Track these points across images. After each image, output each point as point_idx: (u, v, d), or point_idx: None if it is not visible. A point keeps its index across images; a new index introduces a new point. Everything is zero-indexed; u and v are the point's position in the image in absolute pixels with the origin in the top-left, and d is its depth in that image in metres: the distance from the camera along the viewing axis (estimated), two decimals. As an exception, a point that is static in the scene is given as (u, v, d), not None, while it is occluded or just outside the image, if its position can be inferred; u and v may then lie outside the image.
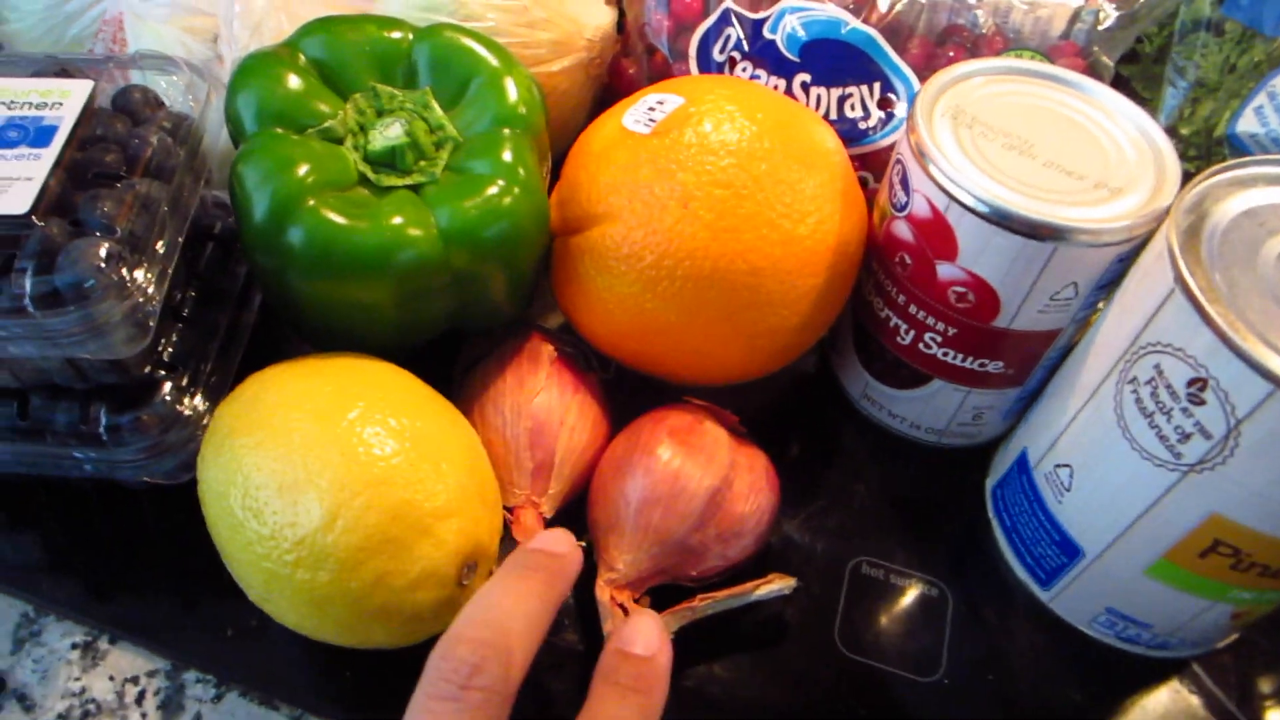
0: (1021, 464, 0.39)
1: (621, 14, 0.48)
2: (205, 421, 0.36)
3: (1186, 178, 0.40)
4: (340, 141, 0.36)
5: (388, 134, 0.35)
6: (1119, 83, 0.45)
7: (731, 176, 0.35)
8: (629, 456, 0.36)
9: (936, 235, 0.36)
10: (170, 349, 0.36)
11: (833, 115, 0.43)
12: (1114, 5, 0.42)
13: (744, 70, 0.44)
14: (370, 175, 0.35)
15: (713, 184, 0.35)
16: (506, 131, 0.36)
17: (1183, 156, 0.43)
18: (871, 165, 0.44)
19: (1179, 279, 0.30)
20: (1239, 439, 0.29)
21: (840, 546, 0.41)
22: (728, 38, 0.44)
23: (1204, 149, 0.42)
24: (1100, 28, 0.42)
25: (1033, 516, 0.38)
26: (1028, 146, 0.36)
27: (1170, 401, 0.31)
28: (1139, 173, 0.35)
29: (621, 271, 0.36)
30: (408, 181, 0.35)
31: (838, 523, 0.42)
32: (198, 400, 0.36)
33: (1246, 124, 0.40)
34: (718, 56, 0.45)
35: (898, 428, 0.44)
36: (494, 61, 0.37)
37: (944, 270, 0.36)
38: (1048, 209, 0.34)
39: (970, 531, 0.42)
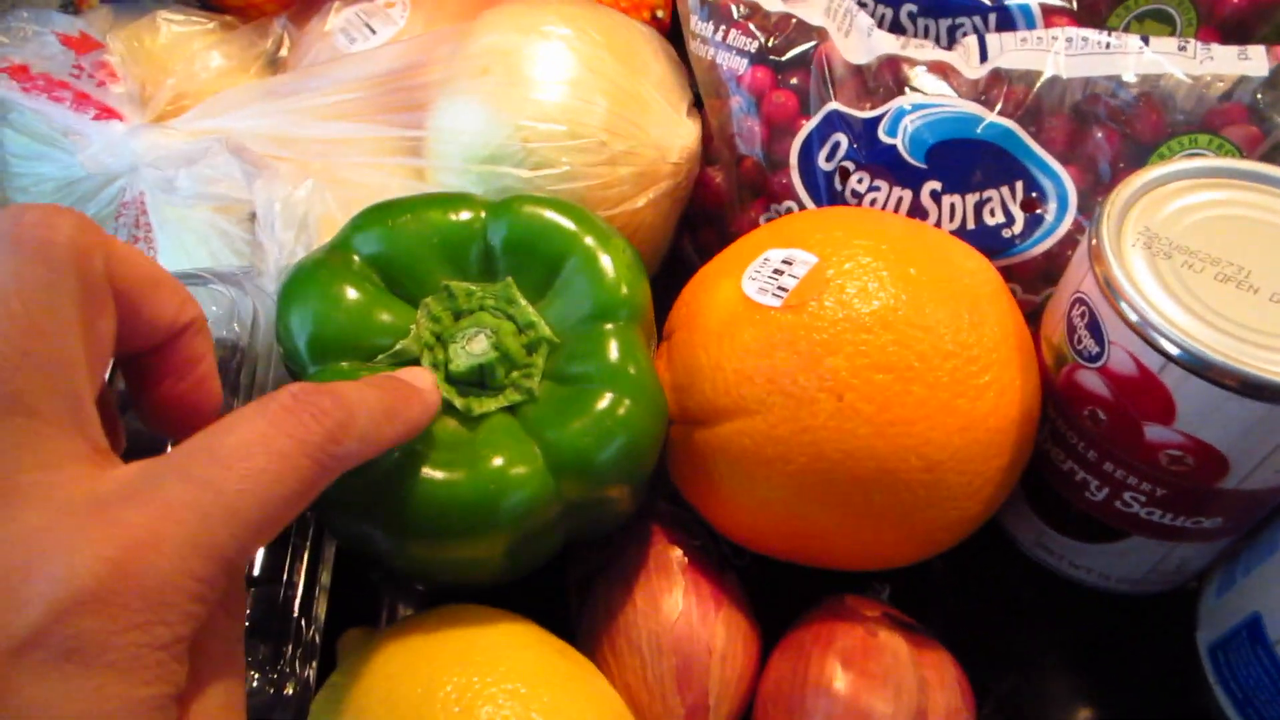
0: (1255, 632, 0.33)
1: (703, 121, 0.41)
2: (309, 687, 0.31)
3: None
4: (416, 361, 0.30)
5: (472, 350, 0.29)
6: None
7: (893, 357, 0.29)
8: (799, 694, 0.30)
9: (1146, 396, 0.29)
10: (246, 621, 0.31)
11: (970, 225, 0.37)
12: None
13: (860, 181, 0.38)
14: (457, 402, 0.29)
15: (871, 368, 0.29)
16: (609, 326, 0.30)
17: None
18: (1018, 275, 0.38)
19: None
20: None
21: (1040, 741, 0.35)
22: (836, 144, 0.38)
23: None
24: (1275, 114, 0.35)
25: (1278, 696, 0.32)
26: (1244, 276, 0.30)
27: None
28: (1391, 297, 0.29)
29: (764, 475, 0.30)
30: (501, 403, 0.29)
31: (1034, 707, 0.36)
32: (290, 670, 0.31)
33: None
34: (825, 165, 0.38)
35: (1082, 578, 0.37)
36: (586, 239, 0.31)
37: (1154, 433, 0.30)
38: (1296, 365, 0.27)
39: (1187, 696, 0.36)
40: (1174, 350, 0.28)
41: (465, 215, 0.32)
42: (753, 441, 0.30)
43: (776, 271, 0.31)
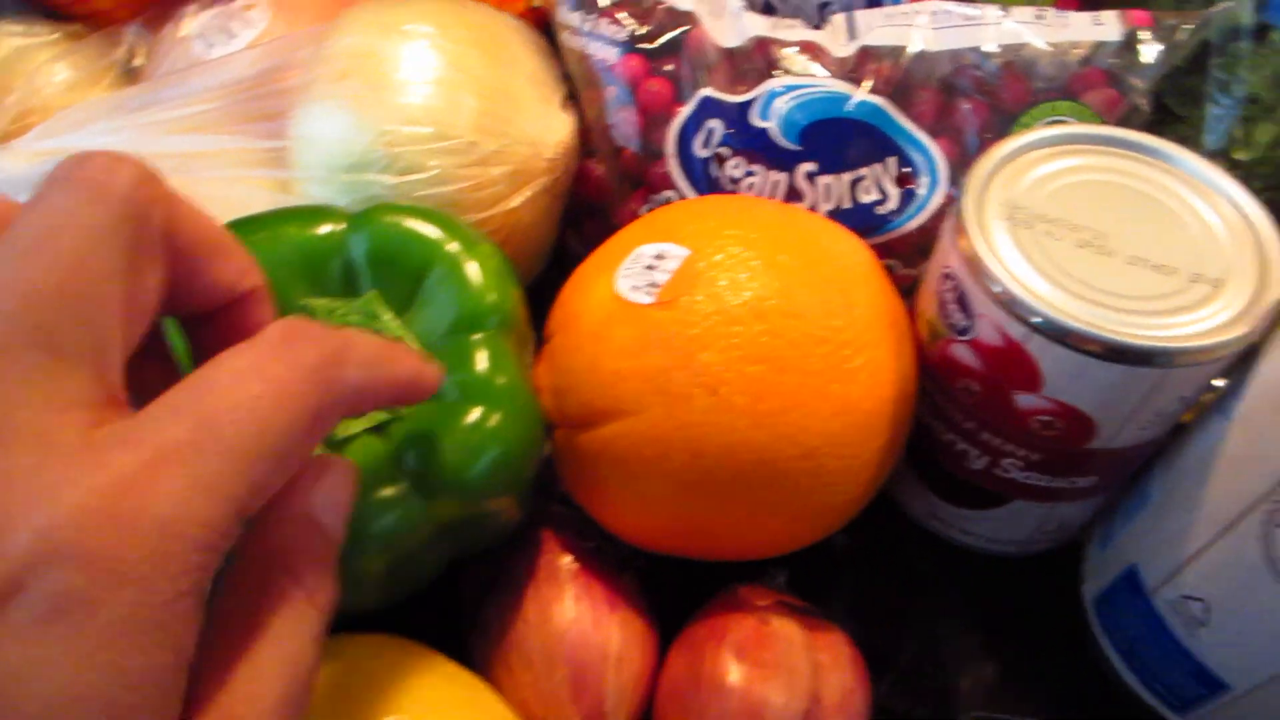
0: (1132, 583, 0.34)
1: (580, 113, 0.41)
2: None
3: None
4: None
5: (338, 367, 0.29)
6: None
7: (765, 348, 0.29)
8: (694, 691, 0.30)
9: (1013, 366, 0.30)
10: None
11: (846, 204, 0.37)
12: (1152, 34, 0.36)
13: (736, 166, 0.37)
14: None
15: (744, 360, 0.29)
16: (477, 336, 0.29)
17: (1247, 187, 0.37)
18: (896, 251, 0.38)
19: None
20: None
21: (942, 707, 0.36)
22: (710, 131, 0.38)
23: (1273, 179, 0.37)
24: (1142, 60, 0.36)
25: (1157, 645, 0.33)
26: (1103, 240, 0.30)
27: (1346, 561, 0.25)
28: (1234, 253, 0.30)
29: (647, 475, 0.30)
30: (367, 424, 0.29)
31: (933, 675, 0.36)
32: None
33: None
34: (701, 152, 0.38)
35: (973, 544, 0.38)
36: (450, 247, 0.30)
37: (1024, 400, 0.31)
38: (1150, 328, 0.28)
39: (1079, 648, 0.37)
40: (1036, 320, 0.28)
41: (324, 229, 0.31)
42: (632, 442, 0.30)
43: (649, 267, 0.31)
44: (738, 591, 0.33)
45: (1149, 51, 0.36)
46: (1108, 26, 0.36)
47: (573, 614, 0.31)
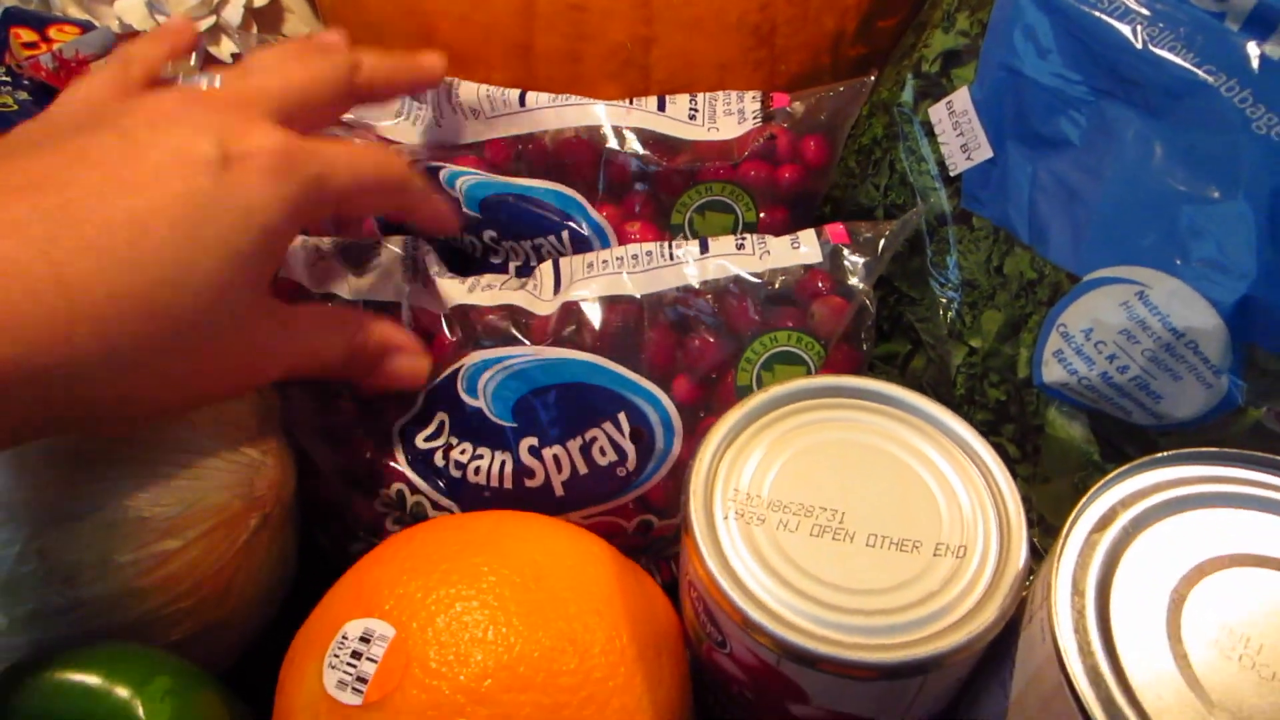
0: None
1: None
2: None
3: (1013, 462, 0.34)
4: None
5: None
6: (880, 282, 0.37)
7: (491, 738, 0.25)
8: None
9: (775, 682, 0.27)
10: None
11: (582, 470, 0.34)
12: (850, 248, 0.34)
13: (463, 452, 0.34)
14: None
15: (470, 760, 0.25)
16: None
17: (984, 379, 0.36)
18: (654, 506, 0.35)
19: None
20: None
21: None
22: (441, 423, 0.34)
23: (1010, 382, 0.35)
24: (851, 281, 0.34)
25: None
26: (839, 521, 0.28)
27: None
28: (974, 511, 0.28)
29: None
30: None
31: None
32: None
33: (1053, 373, 0.33)
34: (424, 445, 0.34)
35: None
36: (116, 693, 0.25)
37: (799, 709, 0.28)
38: (900, 632, 0.26)
39: None
40: (782, 648, 0.26)
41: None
42: None
43: (355, 655, 0.27)
44: None
45: (855, 262, 0.34)
46: (807, 250, 0.34)
47: None
